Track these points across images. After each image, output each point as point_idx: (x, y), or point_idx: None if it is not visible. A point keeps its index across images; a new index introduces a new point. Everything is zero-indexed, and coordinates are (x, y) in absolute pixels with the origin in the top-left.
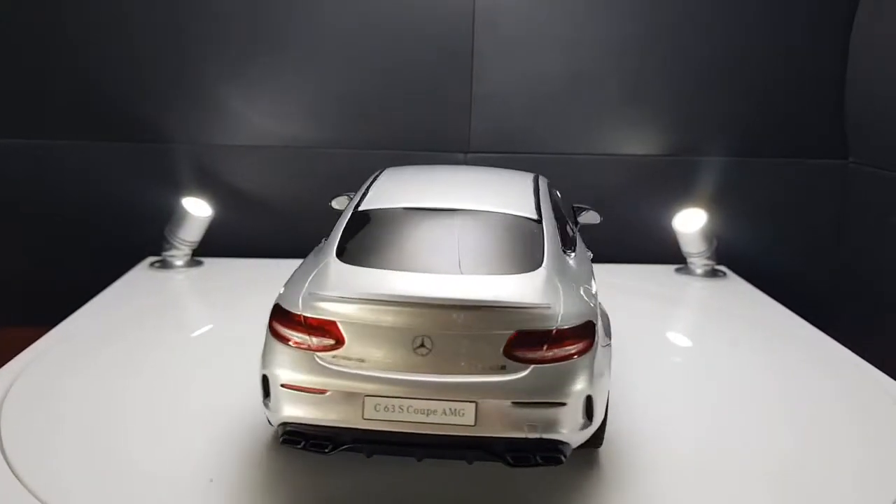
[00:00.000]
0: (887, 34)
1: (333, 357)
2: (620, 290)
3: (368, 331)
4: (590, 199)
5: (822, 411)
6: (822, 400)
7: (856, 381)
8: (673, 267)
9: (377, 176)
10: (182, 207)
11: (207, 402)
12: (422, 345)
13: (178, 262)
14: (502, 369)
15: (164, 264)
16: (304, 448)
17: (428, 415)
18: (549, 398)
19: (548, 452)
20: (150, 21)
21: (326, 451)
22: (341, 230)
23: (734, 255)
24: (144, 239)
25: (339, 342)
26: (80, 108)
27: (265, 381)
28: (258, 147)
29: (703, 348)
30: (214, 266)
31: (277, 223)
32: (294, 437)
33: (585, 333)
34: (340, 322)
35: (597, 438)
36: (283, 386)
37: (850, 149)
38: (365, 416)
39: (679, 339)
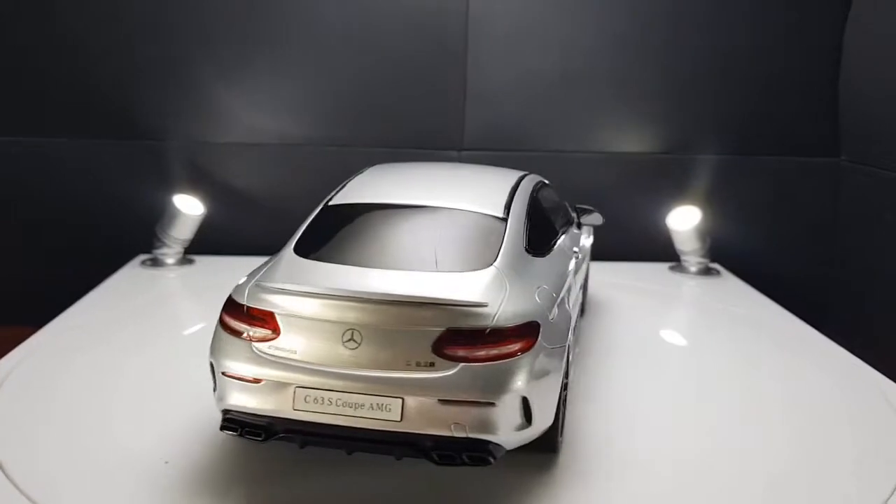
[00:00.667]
0: (880, 34)
1: (269, 347)
2: (614, 287)
3: (302, 323)
4: (584, 197)
5: (815, 409)
6: (815, 397)
7: (849, 378)
8: (667, 265)
9: (361, 172)
10: (174, 205)
11: (201, 398)
12: (351, 338)
13: (170, 261)
14: (430, 366)
15: (156, 262)
16: (240, 435)
17: (355, 409)
18: (476, 397)
19: (475, 452)
20: (144, 19)
21: (261, 439)
22: (306, 225)
23: (728, 253)
24: (136, 237)
25: (276, 333)
26: (71, 105)
27: (212, 368)
28: (251, 145)
29: (697, 347)
30: (206, 264)
31: (270, 221)
32: (232, 425)
33: (525, 334)
34: (278, 313)
35: (550, 442)
36: (224, 374)
37: (842, 147)
38: (295, 407)
39: (673, 337)
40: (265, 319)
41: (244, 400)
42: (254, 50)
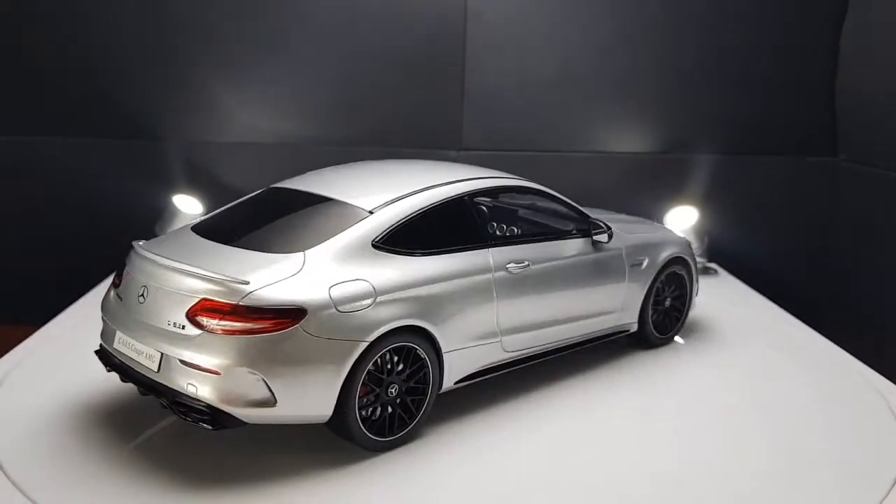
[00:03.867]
0: (878, 33)
1: (113, 295)
2: None
3: (128, 277)
4: (582, 197)
5: (812, 409)
6: (812, 398)
7: (846, 379)
8: None
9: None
10: (173, 205)
11: None
12: (142, 294)
13: None
14: (182, 328)
15: None
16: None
17: (139, 355)
18: (202, 363)
19: (202, 414)
20: (144, 20)
21: (107, 369)
22: (229, 204)
23: (725, 253)
24: (135, 236)
25: (120, 284)
26: (71, 105)
27: None
28: (250, 144)
29: (692, 346)
30: None
31: None
32: (98, 355)
33: (280, 316)
34: (126, 269)
35: (347, 433)
36: (101, 315)
37: (840, 146)
38: (114, 346)
39: None
40: (121, 272)
41: (103, 336)
42: (252, 50)
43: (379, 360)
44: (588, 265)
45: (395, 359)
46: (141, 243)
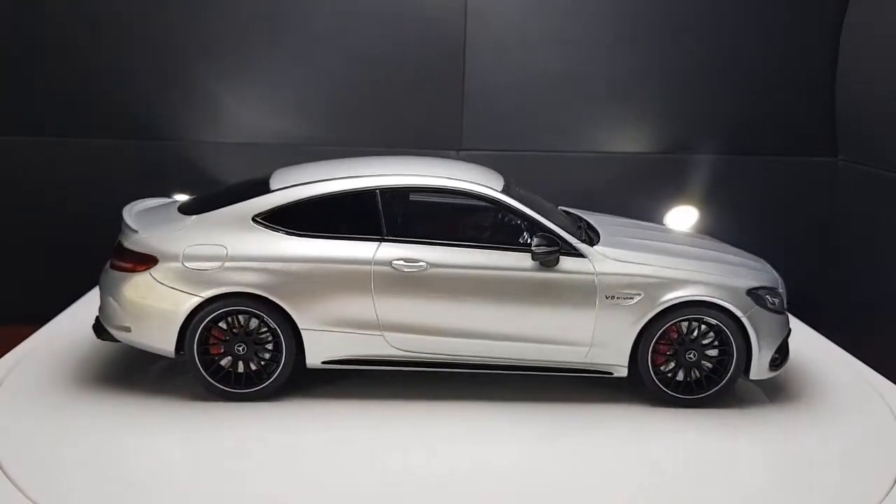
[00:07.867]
0: (878, 33)
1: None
2: None
3: None
4: (582, 198)
5: (810, 409)
6: (810, 397)
7: (845, 378)
8: None
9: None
10: None
11: (197, 395)
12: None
13: None
14: (108, 262)
15: None
16: None
17: None
18: (100, 290)
19: (102, 333)
20: (142, 18)
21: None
22: (228, 185)
23: None
24: None
25: None
26: (71, 105)
27: None
28: (250, 145)
29: None
30: None
31: None
32: None
33: (139, 261)
34: None
35: (193, 374)
36: None
37: (839, 147)
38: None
39: None
40: None
41: None
42: (252, 49)
43: (230, 319)
44: (527, 282)
45: (251, 321)
46: (136, 206)
